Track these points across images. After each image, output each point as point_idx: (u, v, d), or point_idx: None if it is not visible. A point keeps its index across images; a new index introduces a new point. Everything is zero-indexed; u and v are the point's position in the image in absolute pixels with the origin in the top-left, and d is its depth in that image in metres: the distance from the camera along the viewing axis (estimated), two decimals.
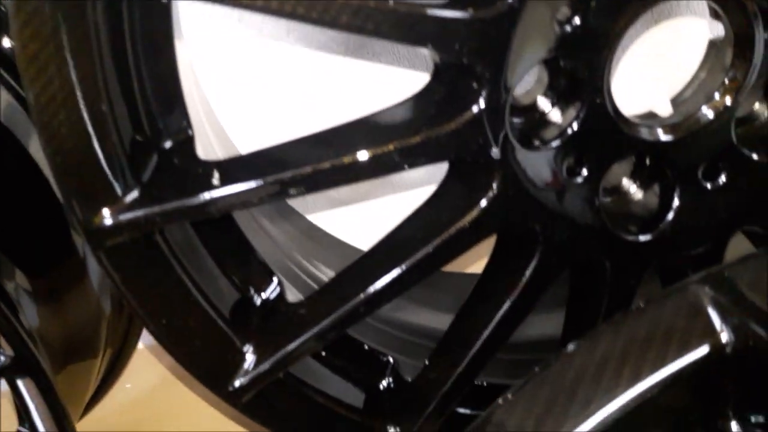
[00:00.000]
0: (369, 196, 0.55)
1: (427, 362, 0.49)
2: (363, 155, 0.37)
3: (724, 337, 0.31)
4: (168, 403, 0.71)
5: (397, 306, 0.56)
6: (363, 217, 0.55)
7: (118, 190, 0.37)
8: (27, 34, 0.33)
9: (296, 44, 0.50)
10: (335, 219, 0.56)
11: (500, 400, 0.30)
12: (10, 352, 0.40)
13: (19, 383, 0.42)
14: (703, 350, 0.31)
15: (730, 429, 0.31)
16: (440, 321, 0.54)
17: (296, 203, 0.56)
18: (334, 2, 0.34)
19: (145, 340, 0.70)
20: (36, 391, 0.42)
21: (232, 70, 0.50)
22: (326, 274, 0.58)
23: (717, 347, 0.31)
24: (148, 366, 0.73)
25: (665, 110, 0.45)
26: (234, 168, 0.40)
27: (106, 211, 0.37)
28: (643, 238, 0.44)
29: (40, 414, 0.44)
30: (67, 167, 0.36)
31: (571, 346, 0.31)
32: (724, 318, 0.31)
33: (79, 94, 0.35)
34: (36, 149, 0.54)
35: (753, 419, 0.31)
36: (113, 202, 0.37)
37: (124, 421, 0.71)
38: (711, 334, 0.31)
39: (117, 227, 0.37)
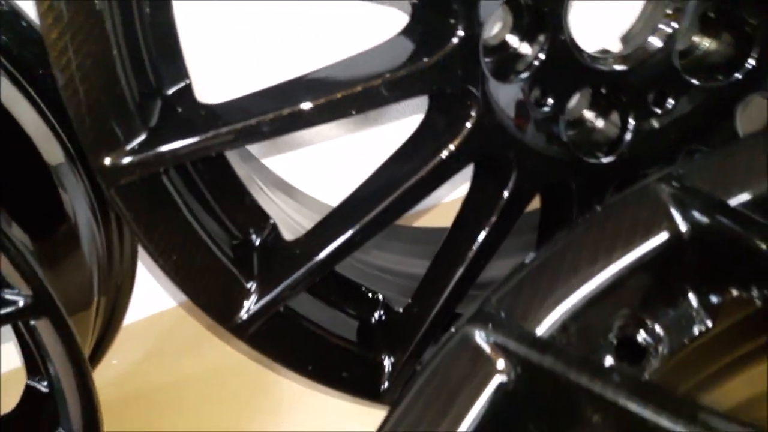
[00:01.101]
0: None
1: (411, 299, 0.54)
2: (357, 89, 0.41)
3: (681, 225, 0.36)
4: (154, 379, 0.73)
5: (385, 255, 0.60)
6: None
7: (129, 133, 0.40)
8: None
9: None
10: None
11: (492, 290, 0.34)
12: (28, 291, 0.42)
13: (36, 325, 0.44)
14: (663, 237, 0.36)
15: (690, 301, 0.36)
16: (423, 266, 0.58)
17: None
18: None
19: (131, 317, 0.72)
20: (53, 332, 0.44)
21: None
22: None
23: (675, 234, 0.36)
24: (134, 342, 0.75)
25: (616, 46, 0.50)
26: (228, 111, 0.43)
27: (118, 152, 0.40)
28: (604, 160, 0.49)
29: (57, 356, 0.46)
30: (82, 111, 0.39)
31: (550, 242, 0.36)
32: (680, 209, 0.36)
33: (92, 42, 0.37)
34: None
35: (710, 295, 0.36)
36: (124, 144, 0.40)
37: (111, 397, 0.73)
38: (669, 223, 0.36)
39: (128, 167, 0.40)
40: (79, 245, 0.59)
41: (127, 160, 0.40)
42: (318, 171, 0.67)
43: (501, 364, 0.32)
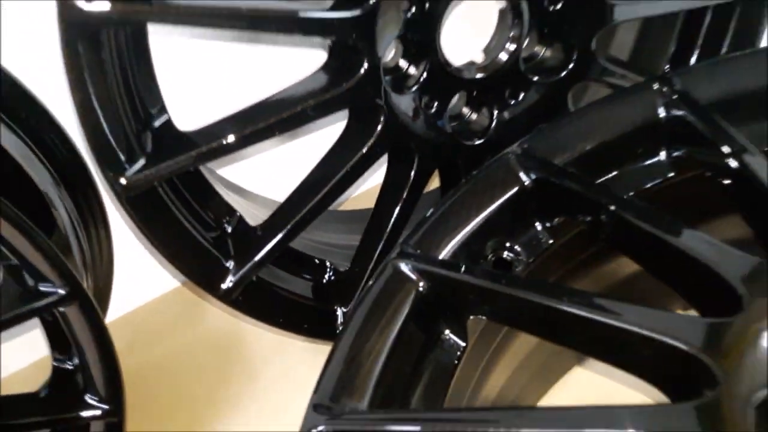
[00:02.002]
0: None
1: (351, 262, 0.71)
2: (294, 110, 0.57)
3: (525, 180, 0.54)
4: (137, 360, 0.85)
5: (328, 233, 0.76)
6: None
7: (132, 160, 0.55)
8: (66, 53, 0.49)
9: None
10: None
11: (407, 234, 0.52)
12: (62, 283, 0.55)
13: (67, 311, 0.57)
14: (514, 189, 0.54)
15: (536, 227, 0.55)
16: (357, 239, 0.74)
17: None
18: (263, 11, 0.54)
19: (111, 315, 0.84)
20: (82, 315, 0.58)
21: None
22: None
23: (521, 186, 0.54)
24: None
25: (479, 58, 0.69)
26: (199, 135, 0.59)
27: (127, 174, 0.54)
28: (479, 142, 0.67)
29: (84, 335, 0.60)
30: (95, 144, 0.53)
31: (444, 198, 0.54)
32: (523, 169, 0.54)
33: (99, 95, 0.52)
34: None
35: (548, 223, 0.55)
36: (129, 167, 0.55)
37: None
38: (517, 179, 0.54)
39: (134, 184, 0.55)
40: (72, 252, 0.72)
41: (133, 179, 0.55)
42: (260, 175, 0.83)
43: (417, 279, 0.49)
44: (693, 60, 0.75)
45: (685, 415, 0.39)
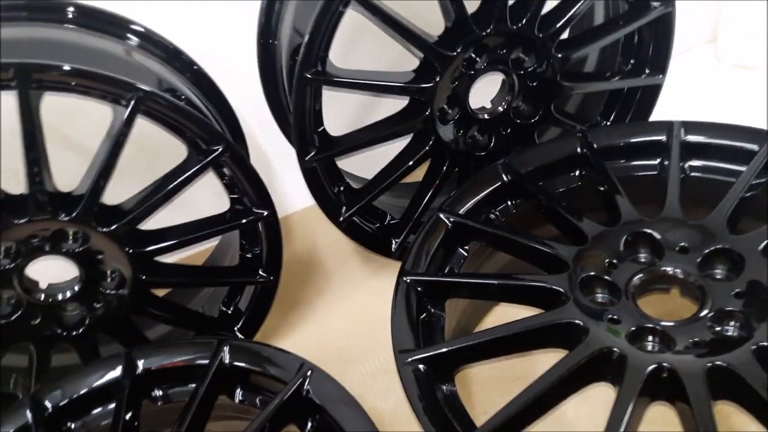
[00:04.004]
0: None
1: (402, 215, 1.25)
2: (389, 131, 1.11)
3: (505, 178, 1.08)
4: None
5: (392, 199, 1.30)
6: None
7: (309, 148, 1.09)
8: (297, 94, 1.03)
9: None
10: None
11: (443, 202, 1.05)
12: (264, 207, 1.08)
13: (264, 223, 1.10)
14: (498, 183, 1.07)
15: (508, 204, 1.08)
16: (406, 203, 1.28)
17: None
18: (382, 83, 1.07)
19: None
20: (271, 227, 1.11)
21: None
22: None
23: (503, 182, 1.07)
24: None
25: (488, 106, 1.21)
26: (344, 138, 1.12)
27: (305, 158, 1.08)
28: (483, 153, 1.21)
29: (267, 239, 1.13)
30: (299, 140, 1.06)
31: (461, 185, 1.07)
32: (504, 173, 1.07)
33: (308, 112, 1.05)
34: None
35: (514, 201, 1.09)
36: (308, 153, 1.08)
37: None
38: (500, 178, 1.07)
39: (307, 163, 1.09)
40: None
41: (308, 160, 1.08)
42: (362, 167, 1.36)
43: (447, 222, 1.02)
44: (612, 116, 1.29)
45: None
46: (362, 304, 1.31)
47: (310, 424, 0.83)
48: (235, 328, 1.17)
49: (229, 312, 1.18)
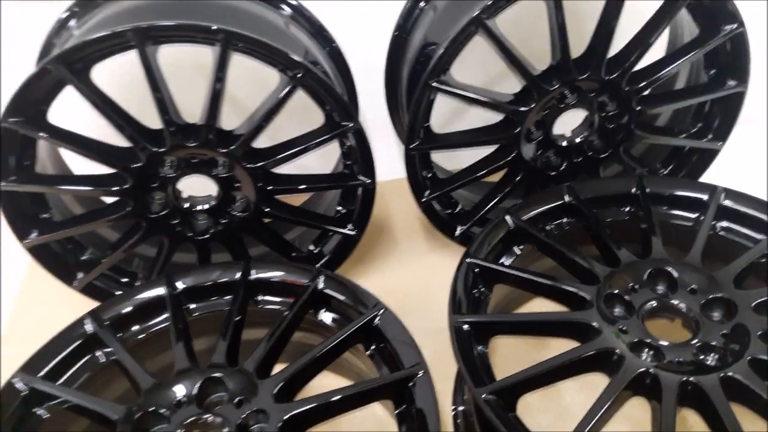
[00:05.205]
0: None
1: (475, 206, 1.49)
2: (481, 140, 1.35)
3: (567, 199, 1.30)
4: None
5: (467, 193, 1.55)
6: None
7: (414, 140, 1.34)
8: (417, 100, 1.28)
9: None
10: None
11: (510, 209, 1.29)
12: (351, 121, 1.34)
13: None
14: (561, 201, 1.30)
15: (563, 220, 1.31)
16: (480, 196, 1.53)
17: None
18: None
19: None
20: (360, 142, 1.36)
21: None
22: None
23: (564, 202, 1.30)
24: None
25: (568, 135, 1.44)
26: (444, 136, 1.37)
27: (409, 146, 1.33)
28: (553, 173, 1.43)
29: (359, 154, 1.38)
30: (410, 135, 1.31)
31: (531, 196, 1.31)
32: (568, 194, 1.30)
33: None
34: None
35: (567, 219, 1.32)
36: (413, 143, 1.33)
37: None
38: (564, 198, 1.29)
39: (410, 151, 1.34)
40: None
41: (412, 149, 1.33)
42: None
43: (511, 224, 1.26)
44: (670, 167, 1.49)
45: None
46: (420, 272, 1.56)
47: (373, 347, 1.09)
48: (317, 266, 1.45)
49: (315, 252, 1.45)
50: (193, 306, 1.20)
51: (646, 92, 1.37)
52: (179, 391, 1.01)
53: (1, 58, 1.51)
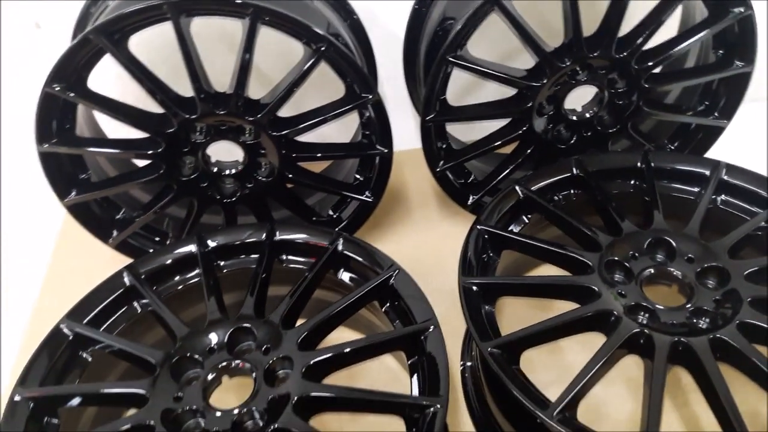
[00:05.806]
0: None
1: (488, 176, 1.56)
2: (498, 112, 1.41)
3: (575, 172, 1.37)
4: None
5: (479, 164, 1.61)
6: None
7: (431, 111, 1.40)
8: (433, 77, 1.34)
9: None
10: None
11: (520, 179, 1.36)
12: (371, 93, 1.41)
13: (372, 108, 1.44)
14: (569, 173, 1.36)
15: (570, 191, 1.38)
16: (493, 167, 1.60)
17: None
18: None
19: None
20: (378, 114, 1.44)
21: None
22: None
23: (572, 173, 1.36)
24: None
25: (579, 109, 1.50)
26: (461, 108, 1.44)
27: (425, 118, 1.40)
28: (563, 146, 1.50)
29: (377, 125, 1.46)
30: (426, 107, 1.38)
31: (541, 168, 1.38)
32: (577, 167, 1.36)
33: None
34: None
35: (573, 190, 1.38)
36: (431, 114, 1.40)
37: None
38: (571, 170, 1.36)
39: (428, 122, 1.41)
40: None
41: (429, 120, 1.40)
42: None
43: (520, 193, 1.33)
44: (676, 143, 1.55)
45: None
46: (433, 239, 1.64)
47: (388, 304, 1.18)
48: (336, 230, 1.53)
49: (334, 217, 1.54)
50: (222, 263, 1.29)
51: (656, 71, 1.42)
52: (212, 338, 1.10)
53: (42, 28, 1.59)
